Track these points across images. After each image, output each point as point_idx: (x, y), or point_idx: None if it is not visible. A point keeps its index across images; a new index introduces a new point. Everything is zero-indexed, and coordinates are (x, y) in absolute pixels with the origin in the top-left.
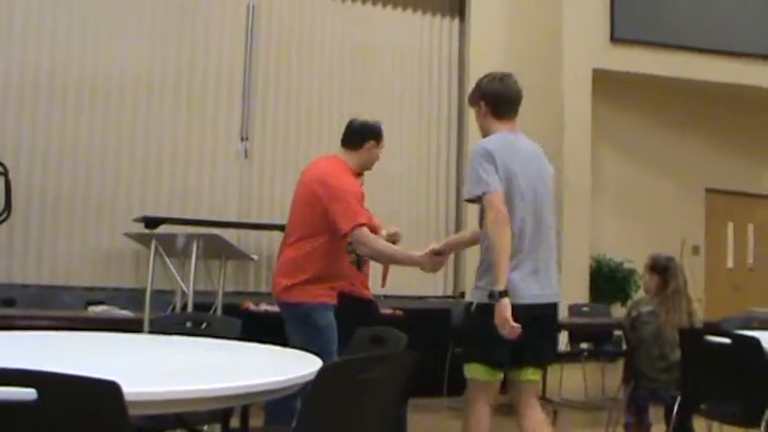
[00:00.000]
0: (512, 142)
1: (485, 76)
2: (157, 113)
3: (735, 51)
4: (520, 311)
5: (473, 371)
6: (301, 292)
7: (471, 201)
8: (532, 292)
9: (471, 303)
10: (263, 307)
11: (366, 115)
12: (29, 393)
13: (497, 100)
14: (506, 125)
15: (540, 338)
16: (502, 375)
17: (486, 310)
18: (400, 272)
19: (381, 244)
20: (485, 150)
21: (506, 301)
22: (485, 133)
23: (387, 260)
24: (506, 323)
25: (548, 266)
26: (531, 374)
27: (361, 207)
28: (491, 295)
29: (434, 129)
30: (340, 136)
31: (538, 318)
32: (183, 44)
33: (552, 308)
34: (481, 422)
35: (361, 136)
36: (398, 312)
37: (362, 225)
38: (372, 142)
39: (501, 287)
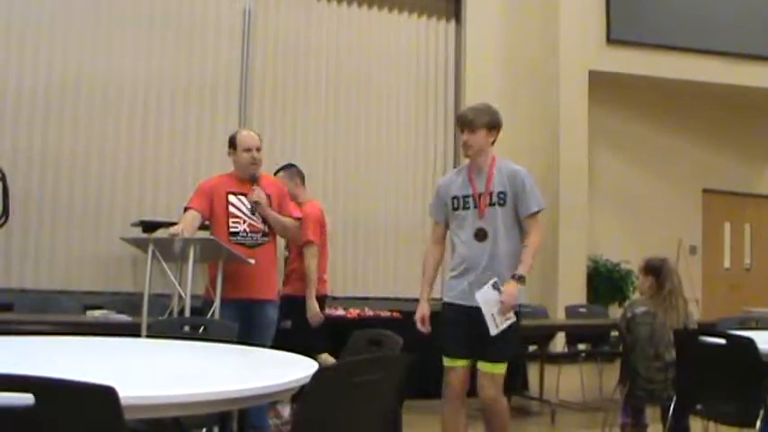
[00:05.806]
0: None
1: (491, 108)
2: (155, 118)
3: (731, 52)
4: None
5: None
6: None
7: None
8: None
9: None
10: None
11: (363, 118)
12: (26, 398)
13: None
14: None
15: None
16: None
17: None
18: (398, 275)
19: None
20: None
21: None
22: (480, 153)
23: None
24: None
25: None
26: None
27: (194, 195)
28: (520, 278)
29: (431, 131)
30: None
31: None
32: (180, 49)
33: None
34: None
35: None
36: (396, 314)
37: (186, 208)
38: (230, 149)
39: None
